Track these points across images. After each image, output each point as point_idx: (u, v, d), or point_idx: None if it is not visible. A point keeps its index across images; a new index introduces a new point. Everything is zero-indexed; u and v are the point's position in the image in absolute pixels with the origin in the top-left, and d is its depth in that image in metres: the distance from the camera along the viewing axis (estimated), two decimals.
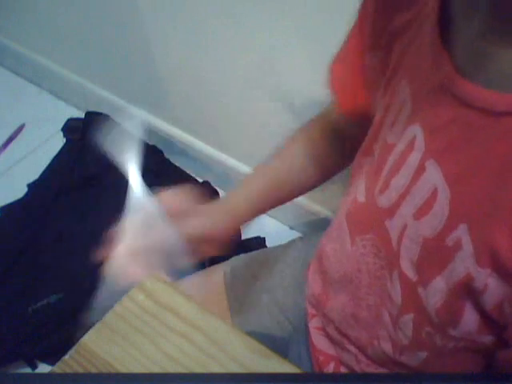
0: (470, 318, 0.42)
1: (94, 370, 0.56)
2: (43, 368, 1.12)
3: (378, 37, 0.51)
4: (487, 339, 0.43)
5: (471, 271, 0.40)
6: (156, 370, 0.56)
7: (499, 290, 0.38)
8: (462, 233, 0.40)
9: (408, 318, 0.48)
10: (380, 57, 0.52)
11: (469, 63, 0.40)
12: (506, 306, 0.38)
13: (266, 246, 1.23)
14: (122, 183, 0.54)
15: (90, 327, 0.59)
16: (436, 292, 0.44)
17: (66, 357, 0.57)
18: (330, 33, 0.90)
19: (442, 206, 0.42)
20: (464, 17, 0.42)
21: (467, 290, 0.41)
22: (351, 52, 0.58)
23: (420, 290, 0.45)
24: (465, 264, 0.40)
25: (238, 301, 0.76)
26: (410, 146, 0.45)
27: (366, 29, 0.53)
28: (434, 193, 0.42)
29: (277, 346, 0.73)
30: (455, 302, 0.42)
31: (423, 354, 0.49)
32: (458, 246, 0.40)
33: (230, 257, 0.82)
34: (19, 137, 1.57)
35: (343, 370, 0.63)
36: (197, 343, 0.57)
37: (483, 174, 0.39)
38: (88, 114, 1.40)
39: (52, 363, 1.12)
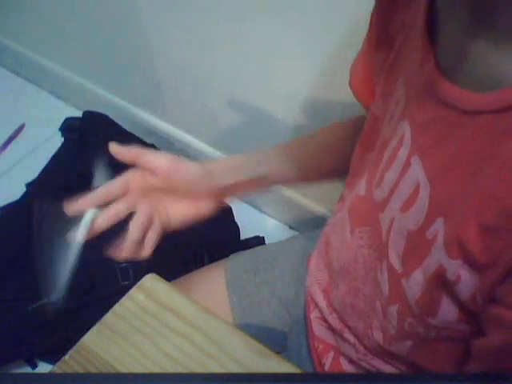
0: (447, 309, 0.43)
1: (93, 370, 0.56)
2: (43, 367, 1.12)
3: (382, 37, 0.53)
4: (466, 328, 0.44)
5: (443, 263, 0.41)
6: (156, 370, 0.56)
7: (472, 281, 0.39)
8: (438, 226, 0.42)
9: (393, 309, 0.50)
10: (383, 56, 0.54)
11: (449, 63, 0.42)
12: (478, 296, 0.40)
13: None
14: None
15: (90, 327, 0.59)
16: (415, 284, 0.45)
17: (66, 357, 0.57)
18: (332, 35, 0.90)
19: (423, 200, 0.43)
20: (445, 17, 0.43)
21: (442, 281, 0.42)
22: (365, 53, 0.60)
23: (403, 281, 0.47)
24: (437, 256, 0.42)
25: (239, 295, 0.76)
26: (400, 141, 0.47)
27: (374, 30, 0.55)
28: (417, 188, 0.44)
29: (276, 339, 0.74)
30: (432, 293, 0.44)
31: (409, 343, 0.51)
32: (434, 239, 0.42)
33: (230, 254, 0.83)
34: (19, 137, 1.57)
35: (342, 359, 0.64)
36: (197, 343, 0.57)
37: (458, 170, 0.40)
38: (86, 113, 1.40)
39: (52, 363, 1.13)
